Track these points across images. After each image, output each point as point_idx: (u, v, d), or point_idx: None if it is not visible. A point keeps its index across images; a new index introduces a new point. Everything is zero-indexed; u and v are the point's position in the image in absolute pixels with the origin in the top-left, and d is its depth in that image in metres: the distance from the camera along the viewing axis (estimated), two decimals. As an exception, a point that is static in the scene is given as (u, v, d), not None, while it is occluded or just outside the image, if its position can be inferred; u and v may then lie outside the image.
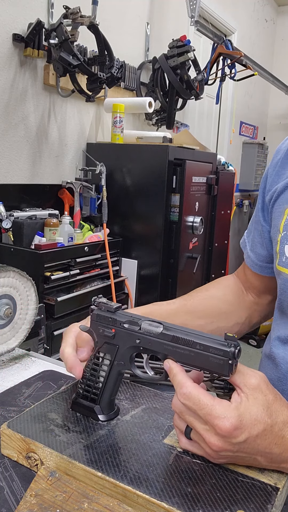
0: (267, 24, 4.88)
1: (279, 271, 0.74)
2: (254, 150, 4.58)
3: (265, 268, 0.85)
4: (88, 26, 1.96)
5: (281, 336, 0.76)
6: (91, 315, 0.60)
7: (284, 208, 0.74)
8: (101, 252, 2.06)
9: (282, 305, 0.76)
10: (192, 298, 0.85)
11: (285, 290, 0.73)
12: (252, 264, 0.87)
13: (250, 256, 0.87)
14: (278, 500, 0.49)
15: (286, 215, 0.73)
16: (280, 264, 0.74)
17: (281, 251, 0.73)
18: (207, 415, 0.49)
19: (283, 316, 0.77)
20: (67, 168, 2.32)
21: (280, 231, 0.74)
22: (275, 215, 0.77)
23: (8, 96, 1.92)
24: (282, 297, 0.75)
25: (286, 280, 0.73)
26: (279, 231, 0.74)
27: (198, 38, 3.42)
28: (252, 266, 0.87)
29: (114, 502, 0.49)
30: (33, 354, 0.93)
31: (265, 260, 0.84)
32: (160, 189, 2.15)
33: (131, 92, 2.68)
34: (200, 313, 0.83)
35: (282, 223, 0.74)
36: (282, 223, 0.74)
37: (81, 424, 0.59)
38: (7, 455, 0.58)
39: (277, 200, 0.77)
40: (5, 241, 1.88)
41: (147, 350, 0.56)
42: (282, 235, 0.73)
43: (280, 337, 0.76)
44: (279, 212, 0.76)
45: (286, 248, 0.72)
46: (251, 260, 0.87)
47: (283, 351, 0.74)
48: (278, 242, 0.74)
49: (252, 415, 0.49)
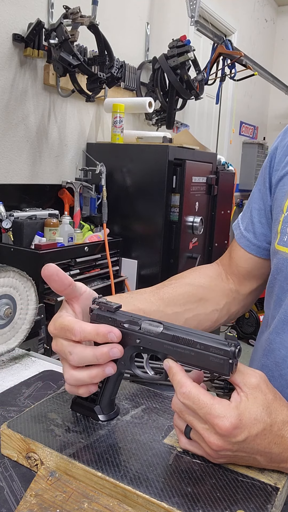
0: (267, 24, 4.88)
1: (277, 250, 0.74)
2: (254, 150, 4.58)
3: (263, 249, 0.83)
4: (88, 26, 1.96)
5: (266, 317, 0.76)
6: (91, 315, 0.60)
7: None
8: (101, 252, 2.06)
9: (273, 286, 0.76)
10: (165, 285, 0.80)
11: (282, 270, 0.72)
12: (248, 245, 0.84)
13: (245, 236, 0.84)
14: (278, 500, 0.49)
15: None
16: (280, 244, 0.73)
17: (283, 230, 0.73)
18: (206, 414, 0.49)
19: (270, 298, 0.77)
20: (67, 168, 2.32)
21: (283, 211, 0.73)
22: (279, 195, 0.77)
23: (8, 96, 1.92)
24: (277, 277, 0.74)
25: (284, 259, 0.72)
26: (282, 211, 0.74)
27: (198, 38, 3.42)
28: (248, 246, 0.84)
29: (114, 502, 0.49)
30: (33, 354, 0.93)
31: (267, 240, 0.82)
32: (160, 189, 2.15)
33: (131, 92, 2.68)
34: (175, 300, 0.78)
35: (286, 203, 0.73)
36: (286, 204, 0.73)
37: (81, 424, 0.59)
38: (7, 455, 0.58)
39: (281, 181, 0.77)
40: (5, 241, 1.88)
41: (147, 350, 0.56)
42: (286, 215, 0.73)
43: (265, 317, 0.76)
44: (283, 192, 0.75)
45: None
46: (247, 240, 0.84)
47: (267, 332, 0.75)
48: (280, 221, 0.74)
49: (252, 415, 0.49)
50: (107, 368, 0.55)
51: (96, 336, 0.55)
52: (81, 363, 0.55)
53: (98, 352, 0.54)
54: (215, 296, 0.84)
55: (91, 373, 0.55)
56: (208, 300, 0.82)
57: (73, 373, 0.56)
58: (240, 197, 4.62)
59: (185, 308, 0.78)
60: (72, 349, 0.55)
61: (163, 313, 0.73)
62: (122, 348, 0.56)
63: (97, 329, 0.55)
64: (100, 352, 0.54)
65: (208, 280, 0.85)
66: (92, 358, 0.55)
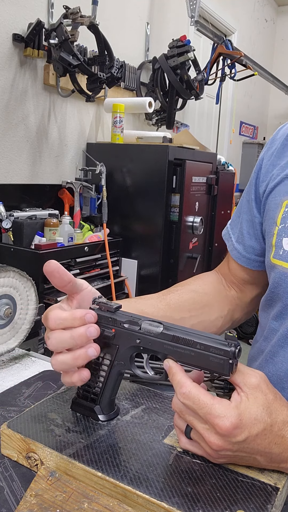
0: (267, 24, 4.88)
1: (273, 264, 0.73)
2: (254, 150, 4.58)
3: (253, 261, 0.82)
4: (88, 26, 1.96)
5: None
6: (91, 315, 0.60)
7: (281, 200, 0.73)
8: (101, 252, 2.06)
9: (273, 300, 0.75)
10: (171, 292, 0.81)
11: (281, 284, 0.71)
12: (239, 257, 0.84)
13: (236, 248, 0.84)
14: (278, 500, 0.49)
15: (284, 208, 0.72)
16: (275, 257, 0.72)
17: (278, 244, 0.72)
18: (206, 414, 0.49)
19: (269, 310, 0.77)
20: (67, 168, 2.32)
21: (277, 224, 0.72)
22: (270, 206, 0.75)
23: (8, 96, 1.92)
24: (275, 291, 0.73)
25: (282, 274, 0.71)
26: (275, 224, 0.72)
27: (198, 38, 3.42)
28: (239, 258, 0.84)
29: (114, 502, 0.49)
30: (33, 354, 0.93)
31: (255, 253, 0.82)
32: (160, 189, 2.15)
33: (131, 92, 2.68)
34: (181, 307, 0.79)
35: (279, 216, 0.72)
36: (280, 216, 0.72)
37: (81, 424, 0.59)
38: (7, 455, 0.58)
39: (272, 192, 0.75)
40: (5, 241, 1.88)
41: (147, 350, 0.56)
42: (280, 227, 0.71)
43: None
44: (275, 204, 0.74)
45: (284, 241, 0.71)
46: (238, 252, 0.84)
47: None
48: (274, 234, 0.73)
49: (252, 415, 0.49)
50: (89, 349, 0.55)
51: (73, 320, 0.55)
52: (60, 347, 0.55)
53: (75, 333, 0.54)
54: (219, 303, 0.84)
55: (74, 355, 0.55)
56: (212, 307, 0.83)
57: (57, 357, 0.56)
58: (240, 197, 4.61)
59: (191, 314, 0.79)
60: (50, 334, 0.56)
61: (170, 318, 0.74)
62: (98, 328, 0.56)
63: (73, 314, 0.55)
64: (78, 333, 0.54)
65: (211, 288, 0.86)
66: (70, 340, 0.54)
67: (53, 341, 0.55)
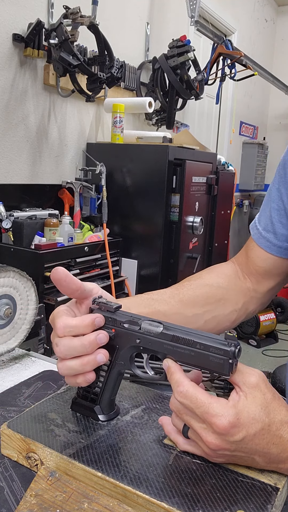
0: (267, 24, 4.88)
1: None
2: (254, 150, 4.58)
3: (284, 249, 0.81)
4: (88, 26, 1.96)
5: None
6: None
7: None
8: (101, 252, 2.06)
9: None
10: (185, 286, 0.80)
11: None
12: (268, 245, 0.82)
13: (265, 236, 0.83)
14: (278, 500, 0.49)
15: None
16: None
17: None
18: (204, 413, 0.48)
19: None
20: (67, 168, 2.32)
21: None
22: None
23: (8, 96, 1.93)
24: None
25: None
26: None
27: (198, 38, 3.42)
28: (268, 246, 0.82)
29: (114, 502, 0.49)
30: (33, 354, 0.93)
31: (287, 240, 0.81)
32: (160, 189, 2.15)
33: (131, 92, 2.68)
34: (195, 302, 0.77)
35: None
36: None
37: (81, 424, 0.59)
38: (7, 455, 0.58)
39: None
40: (5, 241, 1.88)
41: (147, 350, 0.56)
42: None
43: None
44: None
45: None
46: (266, 240, 0.83)
47: None
48: None
49: (250, 414, 0.49)
50: (98, 355, 0.55)
51: (84, 328, 0.55)
52: (70, 355, 0.55)
53: (86, 340, 0.54)
54: (234, 296, 0.83)
55: (83, 361, 0.55)
56: (227, 301, 0.82)
57: (65, 362, 0.55)
58: (240, 197, 4.61)
59: (205, 310, 0.78)
60: (58, 341, 0.55)
61: (183, 315, 0.73)
62: (107, 334, 0.56)
63: (83, 321, 0.55)
64: (88, 341, 0.54)
65: (226, 280, 0.84)
66: (80, 348, 0.54)
67: (62, 348, 0.54)
